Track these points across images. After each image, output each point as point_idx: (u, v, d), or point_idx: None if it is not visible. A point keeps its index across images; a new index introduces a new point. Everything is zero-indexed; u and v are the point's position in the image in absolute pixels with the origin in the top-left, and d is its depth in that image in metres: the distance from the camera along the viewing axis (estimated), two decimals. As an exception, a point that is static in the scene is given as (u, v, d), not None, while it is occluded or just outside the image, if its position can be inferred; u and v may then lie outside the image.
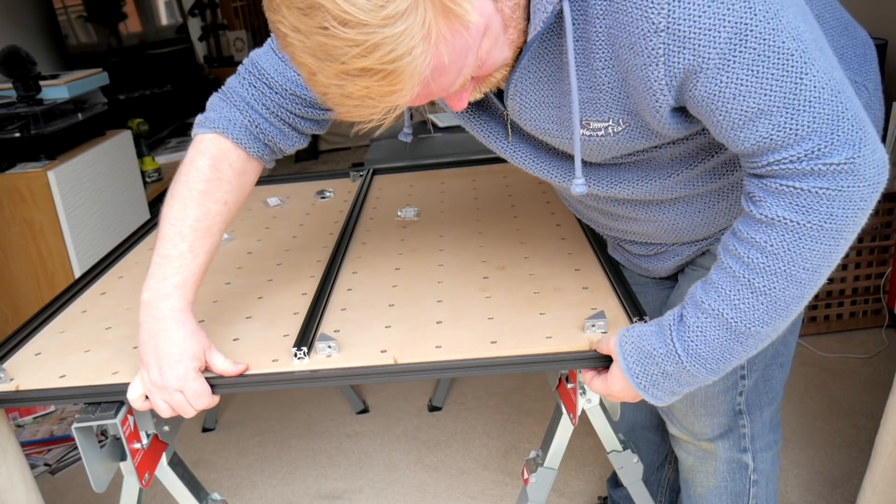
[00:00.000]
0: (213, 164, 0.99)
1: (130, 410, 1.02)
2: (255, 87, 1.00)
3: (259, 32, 5.98)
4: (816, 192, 0.74)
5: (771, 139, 0.74)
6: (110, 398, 1.00)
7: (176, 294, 0.96)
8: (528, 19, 0.80)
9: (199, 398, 0.95)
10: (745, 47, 0.70)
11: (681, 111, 0.81)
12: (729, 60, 0.71)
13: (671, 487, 1.52)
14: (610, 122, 0.84)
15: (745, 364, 1.14)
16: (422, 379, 1.00)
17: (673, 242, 1.08)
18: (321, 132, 1.08)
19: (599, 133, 0.85)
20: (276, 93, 1.00)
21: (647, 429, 1.46)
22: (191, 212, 0.97)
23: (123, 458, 1.02)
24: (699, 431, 1.20)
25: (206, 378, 0.97)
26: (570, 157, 0.94)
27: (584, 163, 0.94)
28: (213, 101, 1.03)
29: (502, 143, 0.98)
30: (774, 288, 0.79)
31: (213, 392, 0.97)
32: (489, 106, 0.96)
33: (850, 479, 1.79)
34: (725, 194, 0.97)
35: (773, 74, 0.71)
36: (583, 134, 0.86)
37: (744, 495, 1.25)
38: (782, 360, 1.18)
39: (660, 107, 0.78)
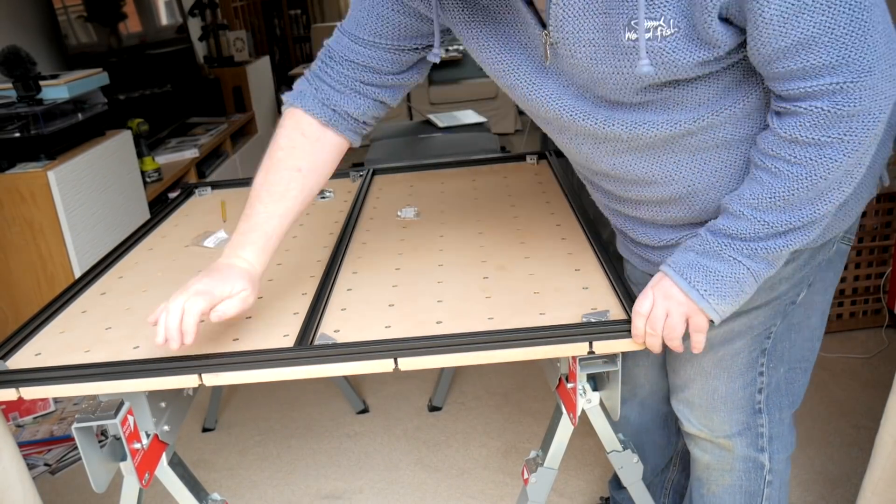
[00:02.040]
0: (288, 133, 1.10)
1: (131, 410, 1.03)
2: (322, 61, 1.12)
3: (259, 32, 5.99)
4: (836, 112, 0.82)
5: (810, 37, 0.79)
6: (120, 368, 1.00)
7: (250, 248, 1.06)
8: None
9: (189, 314, 0.96)
10: None
11: (727, 22, 0.83)
12: None
13: (675, 489, 1.52)
14: (661, 22, 0.84)
15: (765, 361, 1.14)
16: (421, 362, 1.00)
17: (684, 222, 1.06)
18: (391, 100, 1.14)
19: (647, 35, 0.85)
20: (336, 62, 1.10)
21: (653, 431, 1.46)
22: (269, 177, 1.08)
23: (123, 458, 1.02)
24: (718, 427, 1.20)
25: (222, 353, 1.01)
26: (602, 100, 0.96)
27: (611, 102, 0.95)
28: (297, 81, 1.14)
29: (537, 71, 0.98)
30: (796, 193, 0.88)
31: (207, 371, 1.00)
32: (524, 32, 0.97)
33: (850, 479, 1.79)
34: (742, 151, 0.97)
35: None
36: (628, 38, 0.86)
37: (757, 495, 1.25)
38: (806, 364, 1.19)
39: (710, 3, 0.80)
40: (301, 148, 1.09)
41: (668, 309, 0.96)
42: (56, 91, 2.49)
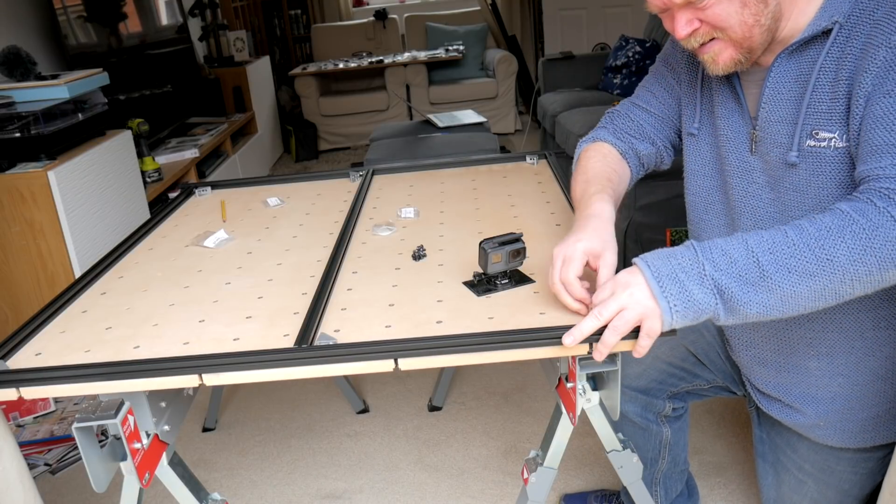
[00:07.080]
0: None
1: (131, 410, 1.03)
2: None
3: (259, 32, 5.99)
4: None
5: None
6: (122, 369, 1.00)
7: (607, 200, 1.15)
8: (768, 25, 0.98)
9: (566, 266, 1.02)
10: None
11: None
12: None
13: (664, 480, 1.52)
14: (835, 136, 0.99)
15: None
16: (421, 362, 1.00)
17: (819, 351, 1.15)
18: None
19: (822, 144, 1.00)
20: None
21: (638, 423, 1.45)
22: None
23: (124, 457, 1.02)
24: None
25: (222, 353, 0.97)
26: (781, 204, 1.09)
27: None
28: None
29: (743, 156, 1.13)
30: (800, 251, 0.89)
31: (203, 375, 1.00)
32: (737, 120, 1.12)
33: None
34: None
35: None
36: (809, 145, 1.01)
37: None
38: None
39: (858, 113, 0.93)
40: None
41: (625, 304, 0.93)
42: (56, 91, 2.50)
